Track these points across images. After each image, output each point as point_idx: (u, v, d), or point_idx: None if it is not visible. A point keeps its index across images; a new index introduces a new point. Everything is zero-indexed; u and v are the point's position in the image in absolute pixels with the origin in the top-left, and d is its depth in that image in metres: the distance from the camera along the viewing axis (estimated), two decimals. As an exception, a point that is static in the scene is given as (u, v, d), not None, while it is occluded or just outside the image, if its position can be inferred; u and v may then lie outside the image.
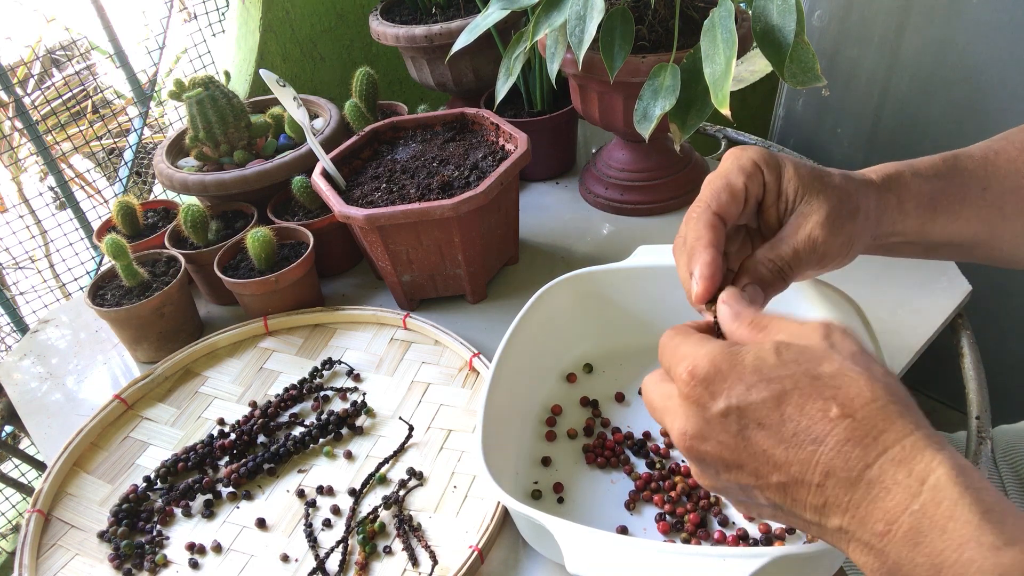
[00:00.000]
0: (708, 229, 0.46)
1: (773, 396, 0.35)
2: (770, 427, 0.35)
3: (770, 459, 0.35)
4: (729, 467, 0.37)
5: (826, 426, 0.34)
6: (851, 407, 0.34)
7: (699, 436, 0.37)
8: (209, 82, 0.88)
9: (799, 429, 0.34)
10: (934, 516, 0.31)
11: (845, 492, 0.33)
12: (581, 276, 0.68)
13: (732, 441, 0.36)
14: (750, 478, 0.36)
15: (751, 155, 0.48)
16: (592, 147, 1.09)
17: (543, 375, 0.70)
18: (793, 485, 0.35)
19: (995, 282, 1.06)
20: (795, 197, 0.47)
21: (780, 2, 0.63)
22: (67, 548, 0.64)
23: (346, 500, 0.64)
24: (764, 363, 0.36)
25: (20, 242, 1.19)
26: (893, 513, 0.32)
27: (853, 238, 0.48)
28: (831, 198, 0.47)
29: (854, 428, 0.33)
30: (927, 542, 0.31)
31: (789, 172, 0.48)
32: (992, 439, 0.65)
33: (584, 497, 0.61)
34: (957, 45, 0.98)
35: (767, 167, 0.48)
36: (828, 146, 1.20)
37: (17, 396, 0.83)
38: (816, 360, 0.36)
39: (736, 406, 0.36)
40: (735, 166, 0.48)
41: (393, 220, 0.73)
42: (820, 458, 0.34)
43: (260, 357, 0.80)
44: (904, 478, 0.32)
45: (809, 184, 0.47)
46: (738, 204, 0.47)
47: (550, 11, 0.72)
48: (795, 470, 0.34)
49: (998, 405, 0.74)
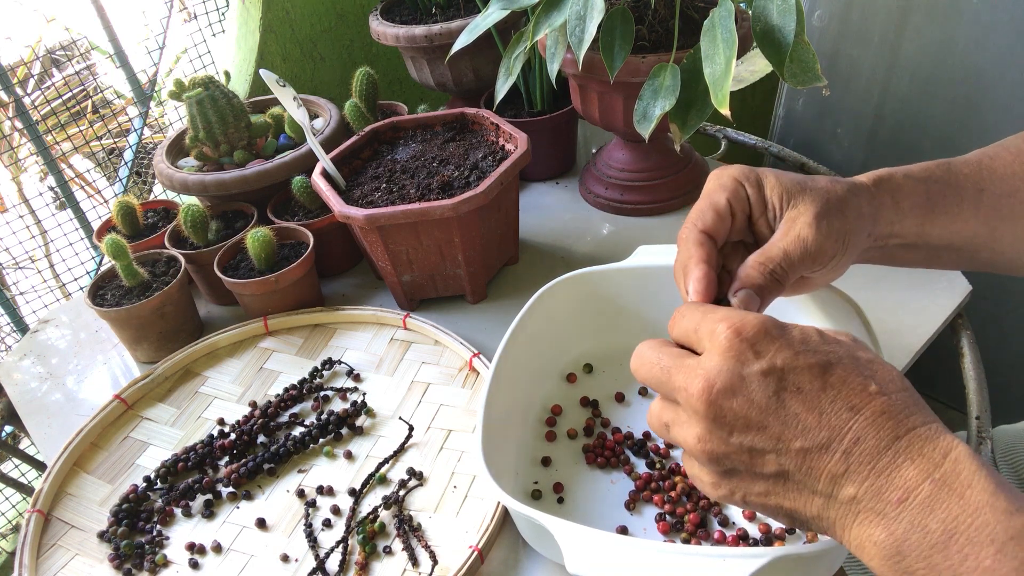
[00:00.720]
0: (697, 246, 0.48)
1: (819, 364, 0.37)
2: (808, 393, 0.36)
3: (800, 423, 0.36)
4: (749, 427, 0.37)
5: (865, 398, 0.36)
6: (887, 388, 0.36)
7: (728, 390, 0.37)
8: (209, 82, 0.88)
9: (838, 397, 0.36)
10: (953, 484, 0.33)
11: (871, 459, 0.35)
12: (581, 276, 0.68)
13: (764, 401, 0.37)
14: (769, 441, 0.37)
15: (731, 173, 0.50)
16: (592, 147, 1.09)
17: (543, 375, 0.70)
18: (815, 451, 0.36)
19: (995, 282, 1.06)
20: (781, 204, 0.49)
21: (780, 2, 0.63)
22: (67, 548, 0.64)
23: (346, 500, 0.64)
24: (810, 338, 0.38)
25: (20, 242, 1.19)
26: (914, 481, 0.34)
27: (846, 236, 0.48)
28: (817, 199, 0.48)
29: (889, 404, 0.36)
30: (944, 508, 0.32)
31: (771, 182, 0.49)
32: (992, 439, 0.65)
33: (584, 497, 0.61)
34: (957, 45, 0.98)
35: (747, 182, 0.49)
36: (828, 146, 1.20)
37: (17, 396, 0.83)
38: (853, 347, 0.39)
39: (780, 367, 0.37)
40: (716, 185, 0.50)
41: (393, 220, 0.73)
42: (854, 425, 0.35)
43: (260, 357, 0.80)
44: (930, 451, 0.34)
45: (792, 189, 0.48)
46: (724, 221, 0.49)
47: (550, 11, 0.72)
48: (824, 436, 0.36)
49: (998, 405, 0.74)
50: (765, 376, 0.37)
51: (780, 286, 0.48)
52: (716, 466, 0.39)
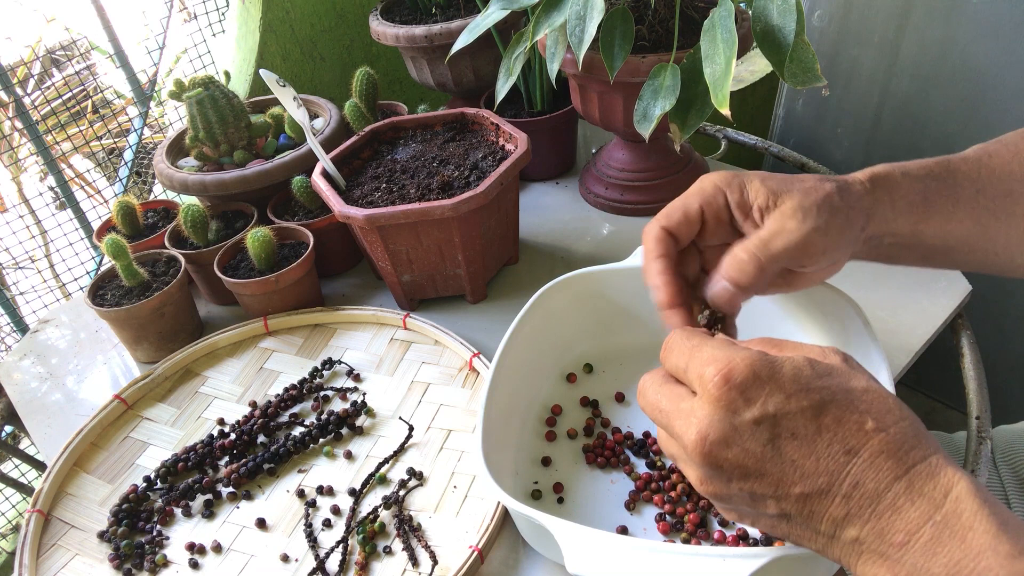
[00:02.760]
0: (656, 242, 0.50)
1: (812, 406, 0.35)
2: (803, 438, 0.35)
3: (798, 469, 0.35)
4: (747, 476, 0.36)
5: (862, 438, 0.35)
6: (884, 422, 0.35)
7: (722, 442, 0.36)
8: (209, 82, 0.88)
9: (834, 440, 0.35)
10: (955, 526, 0.32)
11: (871, 503, 0.34)
12: (581, 276, 0.68)
13: (760, 450, 0.36)
14: (768, 488, 0.36)
15: (713, 179, 0.50)
16: (592, 147, 1.09)
17: (543, 375, 0.70)
18: (816, 496, 0.35)
19: (995, 282, 1.06)
20: (767, 204, 0.48)
21: (780, 2, 0.63)
22: (67, 548, 0.64)
23: (346, 500, 0.64)
24: (801, 374, 0.37)
25: (20, 242, 1.19)
26: (915, 523, 0.33)
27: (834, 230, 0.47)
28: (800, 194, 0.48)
29: (888, 442, 0.34)
30: (946, 551, 0.32)
31: (755, 185, 0.49)
32: (992, 439, 0.65)
33: (584, 497, 0.61)
34: (957, 45, 0.98)
35: (729, 188, 0.49)
36: (828, 146, 1.20)
37: (17, 396, 0.83)
38: (846, 376, 0.37)
39: (772, 414, 0.36)
40: (695, 189, 0.50)
41: (393, 220, 0.73)
42: (852, 469, 0.34)
43: (260, 357, 0.80)
44: (930, 490, 0.33)
45: (777, 189, 0.48)
46: (690, 225, 0.50)
47: (550, 11, 0.72)
48: (823, 481, 0.35)
49: (998, 405, 0.74)
50: (758, 424, 0.36)
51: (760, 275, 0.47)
52: (721, 503, 0.39)
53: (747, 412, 0.36)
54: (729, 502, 0.39)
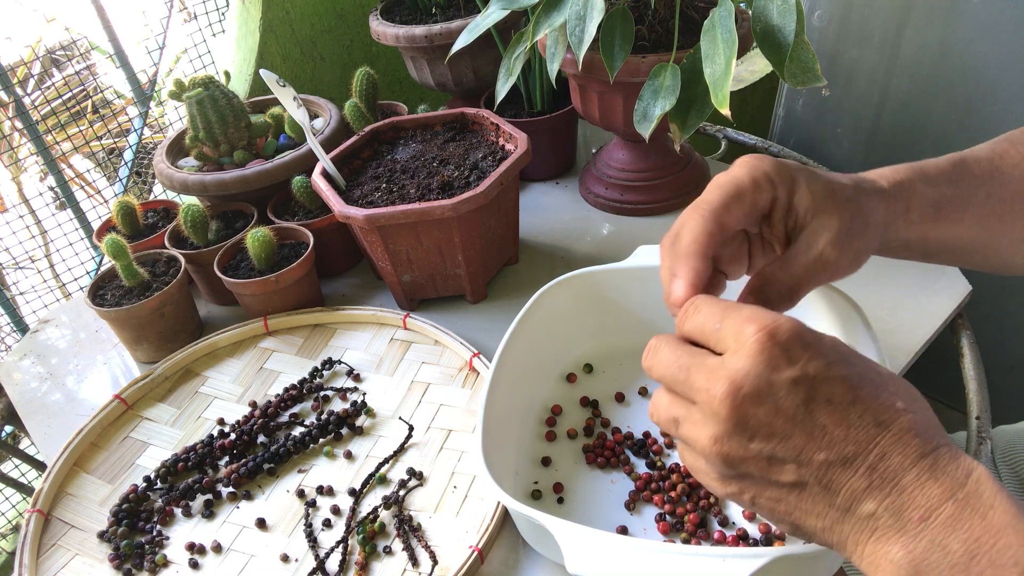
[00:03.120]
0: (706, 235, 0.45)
1: (852, 376, 0.36)
2: (838, 405, 0.35)
3: (826, 435, 0.35)
4: (772, 435, 0.36)
5: (893, 415, 0.35)
6: (912, 406, 0.36)
7: (756, 396, 0.36)
8: (209, 82, 0.88)
9: (867, 412, 0.35)
10: (976, 505, 0.33)
11: (894, 476, 0.34)
12: (581, 276, 0.68)
13: (792, 410, 0.35)
14: (791, 452, 0.36)
15: (765, 168, 0.47)
16: (592, 147, 1.09)
17: (543, 375, 0.70)
18: (838, 464, 0.35)
19: (995, 282, 1.06)
20: (805, 215, 0.47)
21: (780, 2, 0.63)
22: (67, 548, 0.64)
23: (346, 500, 0.64)
24: (841, 346, 0.37)
25: (20, 242, 1.19)
26: (937, 500, 0.33)
27: (862, 253, 0.48)
28: (843, 215, 0.46)
29: (915, 421, 0.35)
30: (966, 528, 0.32)
31: (802, 189, 0.46)
32: (992, 439, 0.65)
33: (584, 497, 0.61)
34: (957, 45, 0.98)
35: (780, 182, 0.46)
36: (828, 146, 1.20)
37: (17, 396, 0.83)
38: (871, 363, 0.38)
39: (812, 376, 0.36)
40: (748, 176, 0.46)
41: (393, 220, 0.73)
42: (881, 441, 0.35)
43: (260, 357, 0.80)
44: (953, 470, 0.34)
45: (821, 203, 0.46)
46: (743, 214, 0.46)
47: (550, 11, 0.72)
48: (849, 450, 0.35)
49: (998, 405, 0.74)
50: (796, 384, 0.35)
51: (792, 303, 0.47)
52: (729, 468, 0.38)
53: (788, 370, 0.36)
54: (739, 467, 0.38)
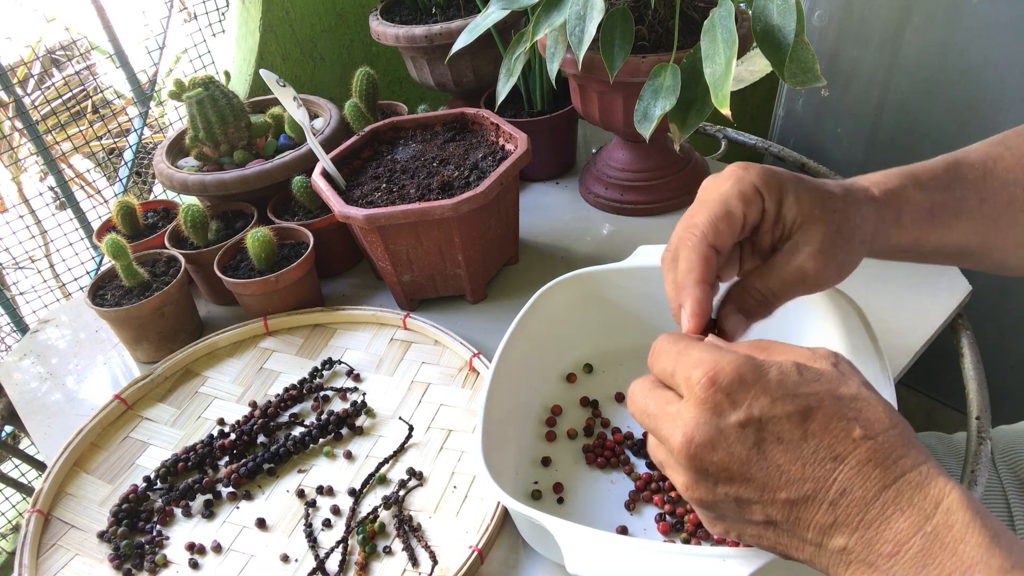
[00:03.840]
0: (702, 262, 0.45)
1: (799, 411, 0.35)
2: (789, 443, 0.35)
3: (784, 474, 0.35)
4: (733, 480, 0.36)
5: (848, 446, 0.34)
6: (872, 430, 0.34)
7: (708, 444, 0.36)
8: (209, 82, 0.88)
9: (820, 447, 0.34)
10: (946, 538, 0.31)
11: (859, 511, 0.33)
12: (581, 276, 0.68)
13: (745, 453, 0.35)
14: (754, 492, 0.36)
15: (753, 179, 0.46)
16: (592, 147, 1.09)
17: (543, 375, 0.70)
18: (802, 503, 0.35)
19: (995, 282, 1.06)
20: (792, 225, 0.46)
21: (780, 2, 0.63)
22: (67, 548, 0.64)
23: (346, 500, 0.64)
24: (788, 378, 0.36)
25: (20, 242, 1.19)
26: (905, 534, 0.32)
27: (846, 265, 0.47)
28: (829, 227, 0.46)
29: (875, 450, 0.34)
30: (936, 563, 0.31)
31: (790, 200, 0.46)
32: (992, 439, 0.65)
33: (584, 497, 0.61)
34: (957, 45, 0.98)
35: (768, 193, 0.46)
36: (828, 146, 1.20)
37: (17, 396, 0.83)
38: (835, 383, 0.36)
39: (758, 418, 0.35)
40: (735, 191, 0.46)
41: (393, 220, 0.73)
42: (839, 476, 0.34)
43: (260, 357, 0.80)
44: (920, 500, 0.33)
45: (809, 212, 0.46)
46: (735, 234, 0.46)
47: (550, 11, 0.72)
48: (808, 487, 0.34)
49: (998, 405, 0.74)
50: (743, 428, 0.35)
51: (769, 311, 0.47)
52: (707, 511, 0.39)
53: (733, 415, 0.36)
54: (715, 509, 0.38)
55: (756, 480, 0.35)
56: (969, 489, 0.61)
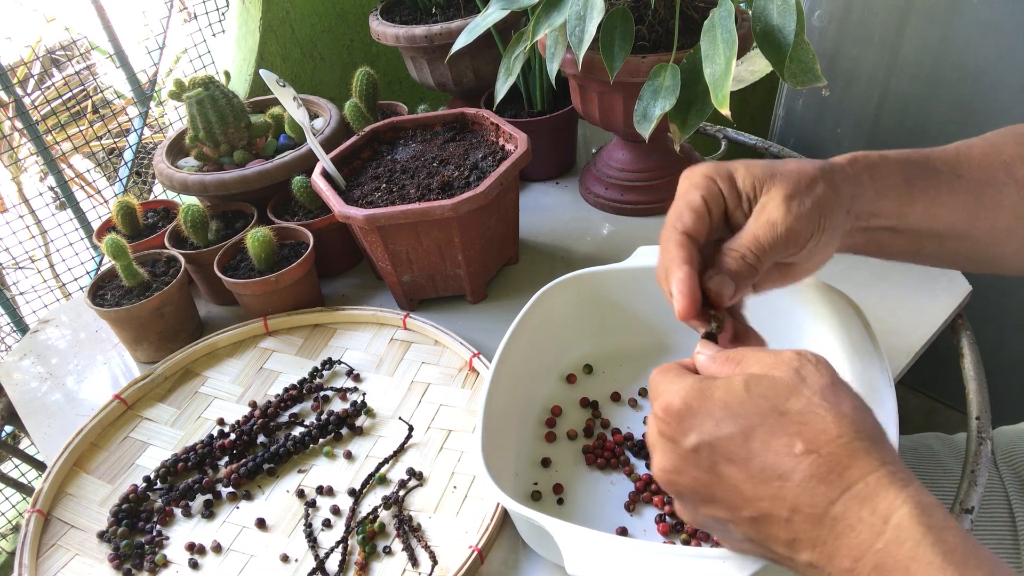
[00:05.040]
0: (678, 247, 0.48)
1: (740, 431, 0.36)
2: (739, 462, 0.35)
3: (741, 494, 0.36)
4: (705, 501, 0.37)
5: (791, 462, 0.34)
6: (816, 443, 0.34)
7: (675, 471, 0.38)
8: (209, 82, 0.88)
9: (766, 465, 0.35)
10: (897, 556, 0.31)
11: (812, 528, 0.33)
12: (581, 277, 0.68)
13: (705, 476, 0.37)
14: (725, 512, 0.37)
15: (701, 171, 0.50)
16: (592, 147, 1.09)
17: (543, 375, 0.70)
18: (763, 520, 0.35)
19: (995, 282, 1.06)
20: (754, 192, 0.48)
21: (780, 2, 0.63)
22: (67, 548, 0.64)
23: (346, 500, 0.64)
24: (733, 397, 0.37)
25: (20, 242, 1.19)
26: (859, 550, 0.32)
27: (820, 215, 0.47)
28: (786, 180, 0.47)
29: (819, 464, 0.34)
30: None
31: (741, 173, 0.49)
32: (992, 440, 0.65)
33: (584, 498, 0.61)
34: (957, 45, 0.98)
35: (718, 176, 0.49)
36: (828, 146, 1.20)
37: (17, 396, 0.83)
38: (784, 395, 0.36)
39: (706, 442, 0.36)
40: (688, 185, 0.50)
41: (393, 220, 0.73)
42: (786, 494, 0.34)
43: (260, 357, 0.80)
44: (868, 516, 0.32)
45: (762, 176, 0.48)
46: (702, 219, 0.49)
47: (550, 11, 0.72)
48: (764, 505, 0.35)
49: (998, 405, 0.74)
50: (696, 452, 0.37)
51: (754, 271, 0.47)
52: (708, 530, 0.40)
53: (685, 441, 0.37)
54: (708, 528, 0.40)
55: (721, 500, 0.37)
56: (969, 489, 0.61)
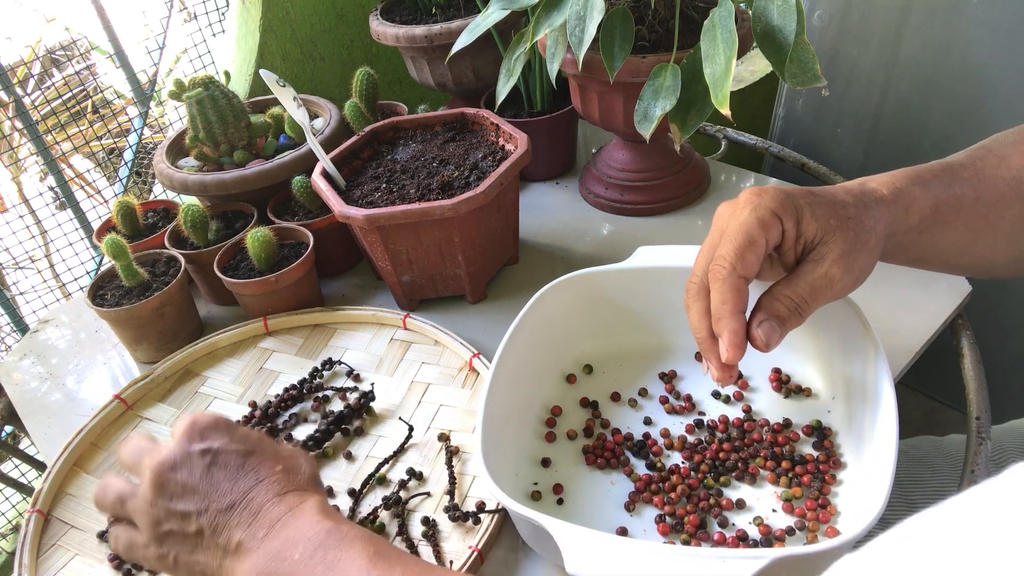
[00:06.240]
0: (734, 294, 0.49)
1: (244, 451, 0.49)
2: (231, 468, 0.48)
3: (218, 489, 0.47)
4: (186, 491, 0.47)
5: (270, 472, 0.49)
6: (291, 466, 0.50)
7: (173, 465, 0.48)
8: (209, 82, 0.88)
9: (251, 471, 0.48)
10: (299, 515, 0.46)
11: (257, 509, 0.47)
12: (581, 277, 0.68)
13: (199, 472, 0.48)
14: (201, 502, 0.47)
15: (769, 204, 0.49)
16: (592, 147, 1.09)
17: (543, 375, 0.70)
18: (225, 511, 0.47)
19: (995, 282, 1.06)
20: (813, 239, 0.49)
21: (780, 2, 0.63)
22: (67, 548, 0.64)
23: (346, 500, 0.64)
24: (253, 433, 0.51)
25: (20, 242, 1.19)
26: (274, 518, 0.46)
27: (865, 269, 0.50)
28: (847, 234, 0.48)
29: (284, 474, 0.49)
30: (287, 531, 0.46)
31: (807, 217, 0.49)
32: (992, 439, 0.65)
33: (584, 498, 0.61)
34: (957, 45, 0.98)
35: (786, 216, 0.49)
36: (828, 146, 1.20)
37: (17, 396, 0.83)
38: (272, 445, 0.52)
39: (216, 449, 0.49)
40: (754, 219, 0.49)
41: (393, 220, 0.73)
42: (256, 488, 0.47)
43: (260, 357, 0.80)
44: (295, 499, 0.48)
45: (826, 224, 0.49)
46: (760, 261, 0.49)
47: (550, 11, 0.72)
48: (233, 498, 0.47)
49: (998, 405, 0.74)
50: (203, 455, 0.48)
51: (802, 318, 0.49)
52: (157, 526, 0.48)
53: (200, 444, 0.49)
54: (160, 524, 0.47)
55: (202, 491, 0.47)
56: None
